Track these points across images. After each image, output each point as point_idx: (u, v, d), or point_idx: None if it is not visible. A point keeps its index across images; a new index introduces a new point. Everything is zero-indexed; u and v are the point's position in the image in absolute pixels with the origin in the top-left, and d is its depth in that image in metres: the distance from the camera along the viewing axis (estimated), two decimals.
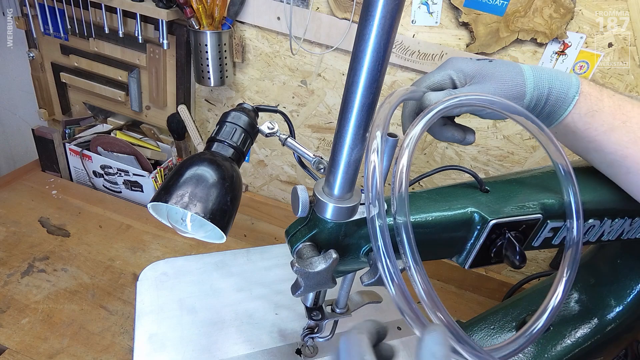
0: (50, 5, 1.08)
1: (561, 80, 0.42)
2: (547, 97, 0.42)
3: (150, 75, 1.13)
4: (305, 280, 0.38)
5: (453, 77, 0.42)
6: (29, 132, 1.19)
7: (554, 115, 0.44)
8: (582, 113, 0.43)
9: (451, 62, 0.43)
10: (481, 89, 0.41)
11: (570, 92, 0.42)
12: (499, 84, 0.41)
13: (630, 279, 0.64)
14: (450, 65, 0.43)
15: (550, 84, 0.42)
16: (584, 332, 0.65)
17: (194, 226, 0.46)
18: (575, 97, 0.42)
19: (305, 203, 0.38)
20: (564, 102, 0.42)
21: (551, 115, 0.44)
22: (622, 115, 0.42)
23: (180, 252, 1.03)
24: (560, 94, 0.42)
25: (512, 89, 0.41)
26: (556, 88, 0.42)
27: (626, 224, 0.52)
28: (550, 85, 0.42)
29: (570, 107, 0.42)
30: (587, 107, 0.42)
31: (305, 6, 0.93)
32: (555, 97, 0.42)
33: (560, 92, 0.42)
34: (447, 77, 0.42)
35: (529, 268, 1.10)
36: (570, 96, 0.42)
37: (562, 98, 0.42)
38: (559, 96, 0.42)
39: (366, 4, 0.28)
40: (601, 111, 0.43)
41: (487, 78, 0.41)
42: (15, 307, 0.83)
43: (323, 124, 1.08)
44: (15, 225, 1.03)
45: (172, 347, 0.57)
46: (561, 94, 0.42)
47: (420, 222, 0.42)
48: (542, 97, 0.42)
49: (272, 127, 0.48)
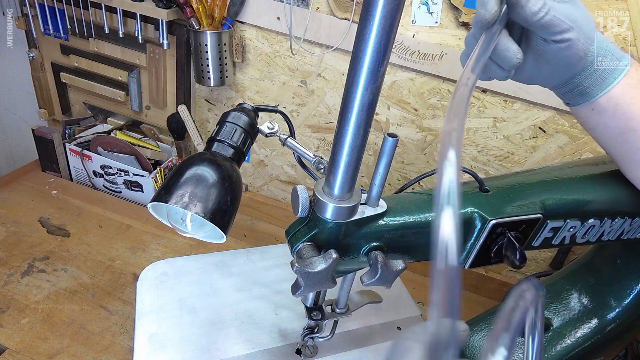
0: (50, 5, 1.08)
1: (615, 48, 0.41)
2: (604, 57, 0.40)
3: (150, 75, 1.13)
4: (305, 280, 0.38)
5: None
6: (29, 132, 1.19)
7: (603, 82, 0.41)
8: (632, 84, 0.41)
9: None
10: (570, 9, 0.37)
11: (623, 60, 0.41)
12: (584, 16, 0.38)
13: (630, 279, 0.64)
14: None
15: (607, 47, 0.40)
16: (584, 332, 0.65)
17: (194, 226, 0.46)
18: (627, 67, 0.41)
19: (305, 203, 0.38)
20: (616, 68, 0.41)
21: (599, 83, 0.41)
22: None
23: (180, 252, 1.03)
24: (614, 59, 0.41)
25: (589, 26, 0.39)
26: (612, 51, 0.41)
27: (626, 224, 0.52)
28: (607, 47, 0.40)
29: (622, 75, 0.41)
30: (635, 80, 0.41)
31: (305, 6, 0.93)
32: (609, 60, 0.41)
33: (615, 57, 0.41)
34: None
35: (529, 268, 1.10)
36: (623, 64, 0.41)
37: (615, 64, 0.41)
38: (614, 59, 0.41)
39: (366, 4, 0.28)
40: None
41: (577, 4, 0.38)
42: (15, 307, 0.83)
43: (323, 124, 1.08)
44: (15, 225, 1.03)
45: (172, 347, 0.57)
46: (615, 59, 0.41)
47: (420, 222, 0.42)
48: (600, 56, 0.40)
49: (272, 127, 0.48)
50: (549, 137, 0.91)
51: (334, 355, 0.61)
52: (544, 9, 0.36)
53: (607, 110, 0.42)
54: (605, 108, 0.42)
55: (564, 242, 0.50)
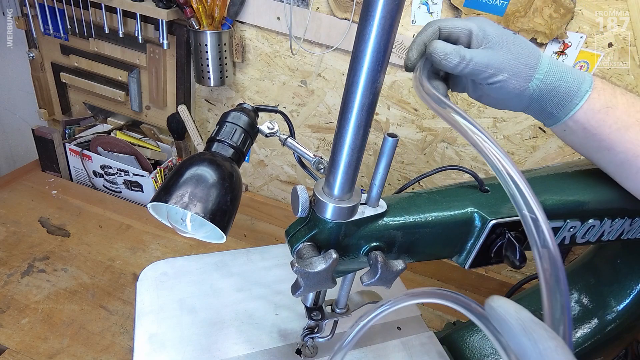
0: (50, 5, 1.08)
1: (574, 74, 0.41)
2: (556, 88, 0.41)
3: (150, 75, 1.13)
4: (305, 280, 0.38)
5: (473, 32, 0.41)
6: (29, 132, 1.19)
7: (564, 108, 0.42)
8: (596, 109, 0.42)
9: (477, 19, 0.42)
10: (493, 55, 0.40)
11: (583, 87, 0.41)
12: (511, 57, 0.40)
13: (630, 279, 0.64)
14: (475, 21, 0.42)
15: (561, 76, 0.41)
16: (584, 332, 0.65)
17: (194, 226, 0.46)
18: (587, 92, 0.41)
19: (305, 203, 0.38)
20: (575, 95, 0.41)
21: (561, 108, 0.42)
22: (637, 113, 0.41)
23: (180, 252, 1.03)
24: (572, 86, 0.41)
25: (522, 67, 0.40)
26: (567, 80, 0.41)
27: (626, 224, 0.52)
28: (561, 77, 0.41)
29: (582, 102, 0.41)
30: (600, 104, 0.42)
31: (305, 6, 0.93)
32: (566, 89, 0.41)
33: (572, 85, 0.41)
34: (466, 29, 0.41)
35: (529, 268, 1.10)
36: (583, 90, 0.41)
37: (574, 91, 0.41)
38: (570, 89, 0.41)
39: (366, 4, 0.28)
40: (615, 108, 0.42)
41: (503, 47, 0.40)
42: (15, 307, 0.83)
43: (323, 124, 1.08)
44: (15, 225, 1.03)
45: (172, 347, 0.57)
46: (573, 87, 0.41)
47: (420, 222, 0.42)
48: (551, 88, 0.41)
49: (272, 127, 0.48)
50: (549, 137, 0.91)
51: None
52: (463, 63, 0.40)
53: (577, 132, 0.44)
54: (575, 130, 0.44)
55: (564, 242, 0.50)
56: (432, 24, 0.41)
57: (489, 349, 0.65)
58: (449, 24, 0.41)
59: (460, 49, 0.40)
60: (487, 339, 0.66)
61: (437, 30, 0.41)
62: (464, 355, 0.65)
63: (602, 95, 0.42)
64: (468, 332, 0.67)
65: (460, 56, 0.39)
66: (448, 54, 0.39)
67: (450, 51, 0.39)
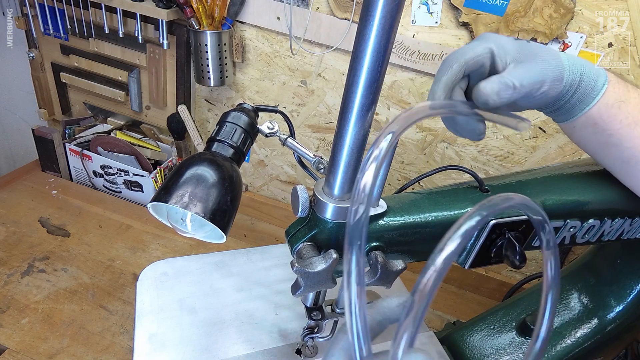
0: (50, 5, 1.08)
1: (590, 67, 0.41)
2: (578, 83, 0.41)
3: (150, 75, 1.13)
4: (305, 280, 0.38)
5: (494, 52, 0.39)
6: (29, 132, 1.19)
7: (581, 103, 0.42)
8: (610, 103, 0.41)
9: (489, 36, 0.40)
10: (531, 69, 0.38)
11: (599, 80, 0.41)
12: (544, 64, 0.39)
13: (630, 279, 0.64)
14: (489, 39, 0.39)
15: (582, 69, 0.40)
16: (584, 332, 0.65)
17: (194, 226, 0.46)
18: (604, 86, 0.41)
19: (305, 203, 0.38)
20: (593, 89, 0.41)
21: (578, 104, 0.42)
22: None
23: (180, 252, 1.03)
24: (591, 80, 0.41)
25: (555, 70, 0.39)
26: (587, 74, 0.41)
27: (626, 224, 0.52)
28: (582, 70, 0.40)
29: (599, 96, 0.41)
30: (615, 97, 0.41)
31: (305, 6, 0.93)
32: (586, 83, 0.41)
33: (591, 78, 0.41)
34: (487, 51, 0.39)
35: (529, 268, 1.10)
36: (599, 84, 0.41)
37: (592, 85, 0.41)
38: (589, 83, 0.41)
39: (366, 4, 0.28)
40: (628, 102, 0.41)
41: (532, 58, 0.39)
42: (15, 307, 0.83)
43: (323, 124, 1.08)
44: (15, 225, 1.03)
45: (172, 347, 0.57)
46: (591, 80, 0.41)
47: (420, 222, 0.42)
48: (575, 82, 0.41)
49: (272, 127, 0.48)
50: (549, 137, 0.91)
51: None
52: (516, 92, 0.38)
53: (587, 128, 0.44)
54: (586, 126, 0.43)
55: (564, 242, 0.50)
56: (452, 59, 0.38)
57: (489, 349, 0.65)
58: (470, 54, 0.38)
59: (504, 79, 0.38)
60: (486, 339, 0.66)
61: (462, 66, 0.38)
62: (464, 355, 0.65)
63: (616, 88, 0.41)
64: (468, 332, 0.67)
65: (510, 86, 0.37)
66: (499, 91, 0.37)
67: (499, 86, 0.37)
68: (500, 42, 0.39)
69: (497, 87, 0.37)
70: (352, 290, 0.24)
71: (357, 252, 0.25)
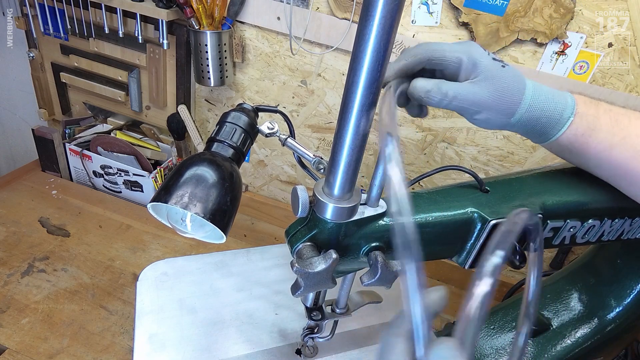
0: (50, 5, 1.08)
1: (557, 101, 0.42)
2: (537, 118, 0.42)
3: (150, 75, 1.13)
4: (305, 280, 0.38)
5: (463, 63, 0.40)
6: (29, 132, 1.19)
7: (545, 134, 0.43)
8: (579, 133, 0.42)
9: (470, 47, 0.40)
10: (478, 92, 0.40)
11: (564, 114, 0.42)
12: (496, 94, 0.40)
13: (630, 279, 0.64)
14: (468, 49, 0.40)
15: (543, 106, 0.41)
16: (584, 332, 0.65)
17: (194, 226, 0.46)
18: (570, 119, 0.42)
19: (305, 203, 0.38)
20: (557, 123, 0.42)
21: (542, 135, 0.43)
22: (621, 131, 0.42)
23: (180, 252, 1.03)
24: (554, 115, 0.42)
25: (506, 104, 0.40)
26: (549, 110, 0.41)
27: (626, 224, 0.52)
28: (543, 107, 0.41)
29: (564, 128, 0.42)
30: (583, 128, 0.42)
31: (305, 6, 0.93)
32: (547, 118, 0.42)
33: (554, 113, 0.42)
34: (458, 61, 0.40)
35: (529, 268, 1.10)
36: (564, 118, 0.42)
37: (556, 119, 0.42)
38: (552, 117, 0.42)
39: (366, 4, 0.28)
40: (599, 129, 0.42)
41: (490, 83, 0.40)
42: (15, 307, 0.83)
43: (323, 124, 1.08)
44: (15, 225, 1.03)
45: (172, 347, 0.57)
46: (554, 115, 0.42)
47: (420, 222, 0.42)
48: (534, 118, 0.42)
49: (272, 127, 0.48)
50: None
51: (334, 355, 0.61)
52: (445, 100, 0.39)
53: (563, 152, 0.45)
54: (561, 150, 0.45)
55: (564, 242, 0.50)
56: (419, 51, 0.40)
57: (489, 349, 0.65)
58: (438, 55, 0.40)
59: (442, 86, 0.39)
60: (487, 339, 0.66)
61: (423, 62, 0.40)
62: None
63: (584, 119, 0.42)
64: None
65: (442, 93, 0.39)
66: (430, 91, 0.39)
67: (432, 88, 0.39)
68: (475, 57, 0.40)
69: (429, 87, 0.39)
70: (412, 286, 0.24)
71: None
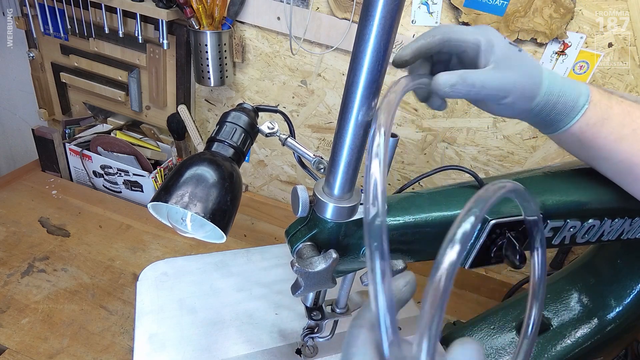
0: (50, 5, 1.08)
1: (572, 88, 0.41)
2: (554, 104, 0.41)
3: (150, 75, 1.13)
4: (305, 280, 0.38)
5: (482, 46, 0.38)
6: (29, 132, 1.19)
7: (559, 122, 0.42)
8: (591, 123, 0.41)
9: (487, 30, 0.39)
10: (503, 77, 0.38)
11: (579, 101, 0.41)
12: (519, 78, 0.39)
13: (630, 279, 0.64)
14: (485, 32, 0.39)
15: (560, 91, 0.41)
16: (584, 332, 0.65)
17: (194, 226, 0.46)
18: (584, 107, 0.41)
19: (305, 203, 0.38)
20: (572, 110, 0.41)
21: (556, 123, 0.43)
22: (632, 123, 0.41)
23: (180, 252, 1.03)
24: (569, 102, 0.41)
25: (529, 86, 0.39)
26: (566, 96, 0.41)
27: (626, 224, 0.52)
28: (560, 92, 0.41)
29: (578, 116, 0.41)
30: (596, 117, 0.41)
31: (305, 6, 0.93)
32: (563, 104, 0.41)
33: (569, 100, 0.41)
34: (475, 44, 0.38)
35: (528, 268, 1.10)
36: (579, 105, 0.41)
37: (571, 106, 0.41)
38: (567, 104, 0.41)
39: (366, 4, 0.28)
40: (610, 119, 0.41)
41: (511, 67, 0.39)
42: (15, 307, 0.83)
43: (323, 124, 1.08)
44: (15, 225, 1.03)
45: (172, 347, 0.57)
46: (570, 102, 0.41)
47: (420, 222, 0.42)
48: (550, 103, 0.41)
49: (272, 127, 0.48)
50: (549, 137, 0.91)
51: (334, 355, 0.61)
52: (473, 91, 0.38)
53: (573, 143, 0.44)
54: (571, 141, 0.44)
55: (564, 242, 0.50)
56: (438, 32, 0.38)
57: (489, 349, 0.65)
58: (457, 36, 0.38)
59: (467, 77, 0.37)
60: (486, 339, 0.66)
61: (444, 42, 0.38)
62: None
63: (598, 107, 0.41)
64: (468, 332, 0.67)
65: (469, 85, 0.37)
66: (455, 85, 0.37)
67: (457, 81, 0.37)
68: (493, 40, 0.39)
69: (454, 80, 0.37)
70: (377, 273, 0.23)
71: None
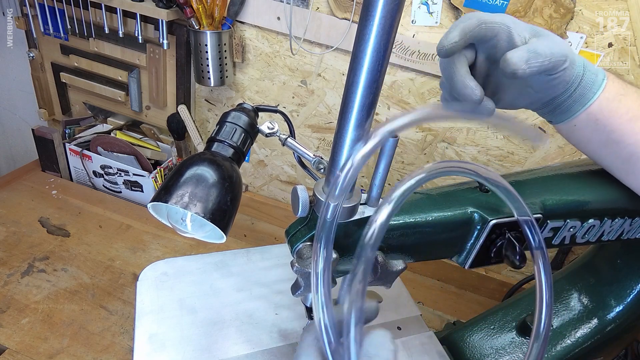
0: (50, 5, 1.08)
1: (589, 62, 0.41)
2: (582, 76, 0.40)
3: (150, 75, 1.13)
4: (305, 280, 0.38)
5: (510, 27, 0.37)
6: (29, 132, 1.19)
7: (583, 98, 0.41)
8: (610, 98, 0.41)
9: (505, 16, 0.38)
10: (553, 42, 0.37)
11: (599, 75, 0.41)
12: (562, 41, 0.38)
13: (630, 279, 0.64)
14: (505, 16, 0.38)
15: (583, 63, 0.40)
16: (584, 332, 0.65)
17: (194, 226, 0.46)
18: (604, 80, 0.41)
19: (305, 203, 0.38)
20: (594, 83, 0.41)
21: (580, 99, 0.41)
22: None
23: (180, 252, 1.03)
24: (592, 74, 0.40)
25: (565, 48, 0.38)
26: (588, 68, 0.40)
27: (626, 224, 0.52)
28: (584, 63, 0.40)
29: (600, 89, 0.40)
30: (614, 91, 0.41)
31: (305, 6, 0.93)
32: (588, 77, 0.40)
33: (592, 72, 0.40)
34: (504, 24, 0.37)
35: (529, 268, 1.10)
36: (600, 78, 0.41)
37: (593, 79, 0.41)
38: (590, 77, 0.40)
39: (366, 4, 0.28)
40: (627, 96, 0.41)
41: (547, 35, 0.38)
42: (15, 307, 0.83)
43: (323, 124, 1.08)
44: (15, 225, 1.03)
45: (172, 347, 0.57)
46: (592, 75, 0.40)
47: (420, 222, 0.42)
48: (579, 75, 0.40)
49: (272, 127, 0.48)
50: (549, 137, 0.91)
51: None
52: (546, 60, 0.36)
53: (588, 126, 0.43)
54: (587, 123, 0.43)
55: (564, 242, 0.50)
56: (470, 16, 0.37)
57: (489, 349, 0.65)
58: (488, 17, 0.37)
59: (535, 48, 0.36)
60: (486, 339, 0.66)
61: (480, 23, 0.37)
62: (464, 355, 0.65)
63: (615, 83, 0.41)
64: (468, 332, 0.67)
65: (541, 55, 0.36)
66: (529, 60, 0.35)
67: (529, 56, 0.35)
68: (515, 21, 0.38)
69: (526, 55, 0.35)
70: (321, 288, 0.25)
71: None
